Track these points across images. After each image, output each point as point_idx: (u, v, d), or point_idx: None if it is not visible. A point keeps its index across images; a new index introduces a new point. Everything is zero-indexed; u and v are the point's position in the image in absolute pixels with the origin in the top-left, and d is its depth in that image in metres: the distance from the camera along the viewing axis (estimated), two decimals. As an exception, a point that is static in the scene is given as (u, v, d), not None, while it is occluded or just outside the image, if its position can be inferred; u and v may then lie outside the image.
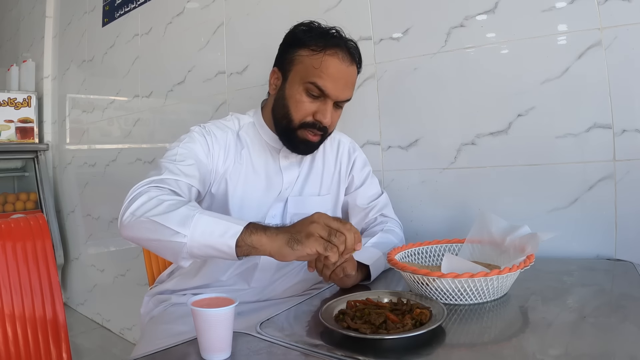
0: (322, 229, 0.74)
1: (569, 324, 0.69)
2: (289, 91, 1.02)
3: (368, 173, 1.23)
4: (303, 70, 1.00)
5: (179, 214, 0.78)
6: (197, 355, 0.64)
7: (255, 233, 0.75)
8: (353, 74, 1.04)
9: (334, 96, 1.00)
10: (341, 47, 1.00)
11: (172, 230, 0.76)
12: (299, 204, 1.12)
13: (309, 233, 0.74)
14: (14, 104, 2.97)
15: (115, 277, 2.59)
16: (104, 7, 2.57)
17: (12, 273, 0.95)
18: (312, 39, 1.00)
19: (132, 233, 0.82)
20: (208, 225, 0.76)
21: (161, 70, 2.17)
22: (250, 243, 0.75)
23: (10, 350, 0.91)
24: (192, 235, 0.76)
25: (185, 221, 0.77)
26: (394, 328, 0.65)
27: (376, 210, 1.19)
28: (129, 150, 2.42)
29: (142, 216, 0.80)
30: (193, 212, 0.78)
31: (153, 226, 0.78)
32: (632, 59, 1.01)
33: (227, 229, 0.75)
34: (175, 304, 1.09)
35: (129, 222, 0.81)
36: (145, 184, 0.88)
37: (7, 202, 2.99)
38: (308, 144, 1.04)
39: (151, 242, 0.81)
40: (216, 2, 1.88)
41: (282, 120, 1.04)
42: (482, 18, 1.19)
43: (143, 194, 0.83)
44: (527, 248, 0.85)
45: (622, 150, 1.03)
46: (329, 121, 1.02)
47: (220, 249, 0.75)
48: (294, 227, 0.76)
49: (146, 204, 0.81)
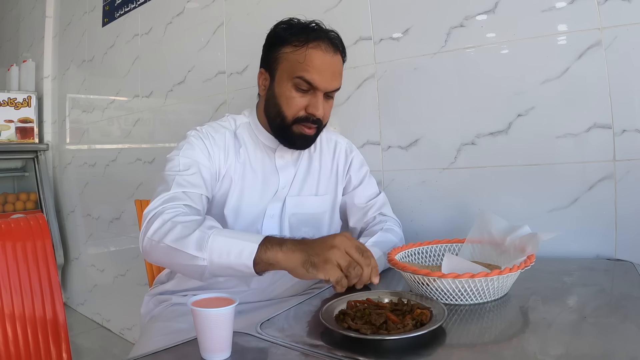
0: (342, 258, 0.75)
1: (570, 324, 0.69)
2: (278, 89, 1.03)
3: (366, 173, 1.23)
4: (289, 66, 1.01)
5: (194, 238, 0.79)
6: (197, 355, 0.64)
7: (271, 249, 0.76)
8: (338, 63, 1.04)
9: (322, 87, 1.01)
10: (323, 38, 1.01)
11: (191, 255, 0.79)
12: (297, 204, 1.12)
13: (327, 259, 0.74)
14: (14, 104, 2.97)
15: (115, 277, 2.59)
16: (104, 7, 2.57)
17: (12, 273, 0.95)
18: (294, 35, 1.01)
19: (154, 258, 0.86)
20: (224, 246, 0.78)
21: (161, 70, 2.17)
22: (266, 260, 0.76)
23: (10, 350, 0.91)
24: (210, 258, 0.78)
25: (201, 245, 0.78)
26: (395, 328, 0.65)
27: (375, 209, 1.19)
28: (129, 150, 2.41)
29: (160, 242, 0.82)
30: (207, 233, 0.80)
31: (172, 252, 0.81)
32: (632, 59, 1.01)
33: (243, 249, 0.76)
34: (176, 304, 1.09)
35: (150, 248, 0.84)
36: (158, 205, 0.89)
37: (7, 202, 2.99)
38: (305, 138, 1.05)
39: (174, 265, 0.84)
40: (216, 2, 1.88)
41: (275, 118, 1.05)
42: (482, 18, 1.19)
43: (157, 217, 0.85)
44: (527, 248, 0.85)
45: (622, 150, 1.03)
46: (322, 113, 1.03)
47: (239, 269, 0.77)
48: (312, 247, 0.76)
49: (161, 229, 0.83)
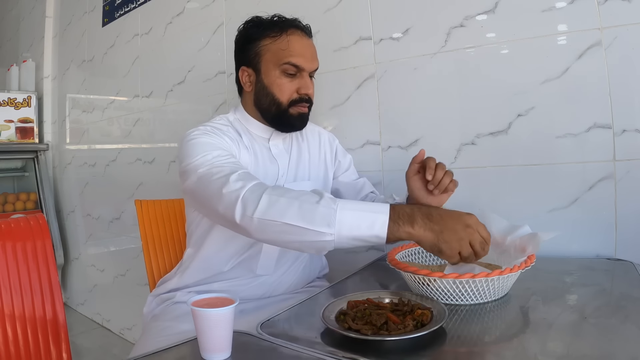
0: (477, 240, 0.76)
1: (570, 324, 0.69)
2: (267, 80, 1.07)
3: (350, 160, 1.31)
4: (273, 56, 1.06)
5: (319, 214, 0.77)
6: (197, 355, 0.64)
7: (403, 226, 0.76)
8: (313, 45, 1.12)
9: (308, 68, 1.08)
10: (295, 26, 1.09)
11: (318, 232, 0.77)
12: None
13: (460, 238, 0.76)
14: (14, 104, 2.97)
15: (115, 277, 2.59)
16: (104, 7, 2.57)
17: (12, 273, 0.95)
18: (268, 29, 1.07)
19: (264, 237, 0.83)
20: (354, 220, 0.77)
21: (161, 70, 2.17)
22: (398, 236, 0.77)
23: (10, 350, 0.91)
24: (339, 232, 0.77)
25: (329, 220, 0.77)
26: (395, 329, 0.65)
27: (368, 187, 1.28)
28: (129, 150, 2.41)
29: (275, 220, 0.79)
30: (332, 208, 0.78)
31: (291, 229, 0.78)
32: (632, 59, 1.01)
33: (374, 221, 0.77)
34: (178, 302, 1.09)
35: (260, 228, 0.81)
36: (239, 186, 0.84)
37: (7, 202, 2.99)
38: (302, 117, 1.10)
39: (290, 243, 0.81)
40: (216, 2, 1.88)
41: (270, 107, 1.08)
42: (482, 18, 1.19)
43: (257, 194, 0.81)
44: (528, 248, 0.85)
45: (622, 150, 1.03)
46: (312, 91, 1.10)
47: (369, 240, 0.78)
48: (441, 232, 0.76)
49: (274, 207, 0.80)
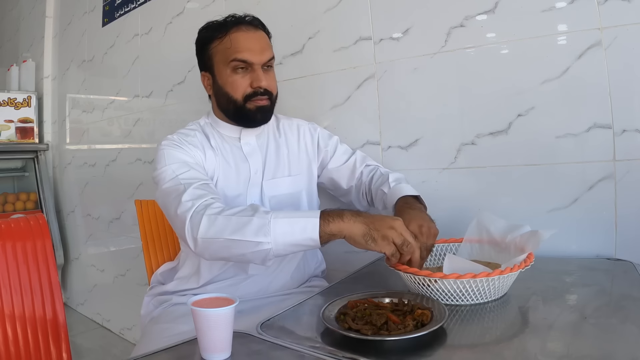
0: (398, 237, 0.82)
1: (570, 324, 0.69)
2: (221, 80, 1.11)
3: (336, 141, 1.29)
4: (221, 57, 1.10)
5: (254, 226, 0.83)
6: (197, 355, 0.64)
7: (333, 221, 0.83)
8: (262, 36, 1.13)
9: (256, 61, 1.08)
10: (240, 23, 1.11)
11: (255, 242, 0.83)
12: (274, 186, 1.17)
13: (385, 235, 0.81)
14: (14, 104, 2.97)
15: (115, 277, 2.59)
16: (104, 7, 2.57)
17: (12, 273, 0.95)
18: (215, 31, 1.11)
19: (210, 254, 0.89)
20: (287, 226, 0.83)
21: (161, 70, 2.17)
22: (329, 232, 0.82)
23: (10, 350, 0.91)
24: (275, 240, 0.82)
25: (264, 230, 0.83)
26: (396, 329, 0.65)
27: (360, 162, 1.25)
28: (129, 150, 2.41)
29: (217, 238, 0.85)
30: (266, 218, 0.84)
31: (232, 244, 0.85)
32: (632, 59, 1.01)
33: (306, 225, 0.82)
34: (176, 304, 1.09)
35: (205, 247, 0.87)
36: (189, 206, 0.90)
37: (7, 202, 2.99)
38: (262, 109, 1.11)
39: (234, 256, 0.87)
40: (216, 2, 1.88)
41: (228, 106, 1.11)
42: (482, 18, 1.19)
43: (201, 216, 0.87)
44: (528, 246, 0.85)
45: (622, 150, 1.03)
46: (266, 83, 1.10)
47: (305, 244, 0.84)
48: (372, 223, 0.83)
49: (214, 225, 0.86)
